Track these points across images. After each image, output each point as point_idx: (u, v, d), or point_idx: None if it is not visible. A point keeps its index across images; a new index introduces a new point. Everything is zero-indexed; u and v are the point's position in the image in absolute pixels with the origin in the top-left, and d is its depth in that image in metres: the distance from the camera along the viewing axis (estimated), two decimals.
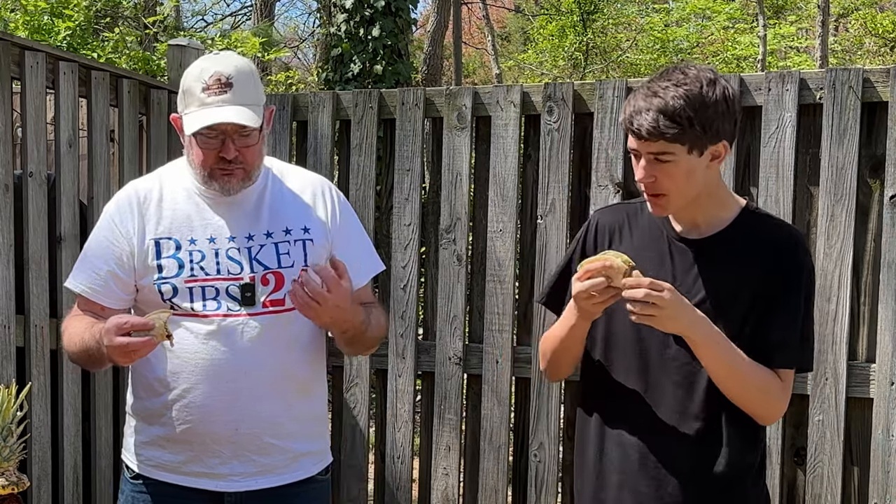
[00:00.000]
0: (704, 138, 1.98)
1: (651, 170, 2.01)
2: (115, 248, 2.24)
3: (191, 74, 2.20)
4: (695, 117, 1.95)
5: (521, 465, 3.54)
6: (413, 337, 3.59)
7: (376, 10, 8.99)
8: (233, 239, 2.23)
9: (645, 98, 1.98)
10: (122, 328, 2.01)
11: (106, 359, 2.11)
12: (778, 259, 2.06)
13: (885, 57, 15.43)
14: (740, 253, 2.07)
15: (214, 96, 2.14)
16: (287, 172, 2.37)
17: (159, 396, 2.24)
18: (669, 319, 1.96)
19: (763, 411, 2.09)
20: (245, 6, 18.11)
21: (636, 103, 1.99)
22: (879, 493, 3.05)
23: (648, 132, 1.96)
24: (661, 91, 1.97)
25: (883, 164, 3.05)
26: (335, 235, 2.32)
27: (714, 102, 1.96)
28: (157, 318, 2.02)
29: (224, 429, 2.21)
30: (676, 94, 1.95)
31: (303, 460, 2.31)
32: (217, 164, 2.18)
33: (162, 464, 2.27)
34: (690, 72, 1.99)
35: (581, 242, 2.24)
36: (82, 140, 3.67)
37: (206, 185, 2.23)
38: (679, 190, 2.02)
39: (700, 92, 1.96)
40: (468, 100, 3.50)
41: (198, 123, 2.14)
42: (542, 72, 16.60)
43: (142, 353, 2.04)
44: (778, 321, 2.04)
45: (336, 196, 2.37)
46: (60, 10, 6.89)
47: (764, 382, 2.05)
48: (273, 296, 2.22)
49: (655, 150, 1.98)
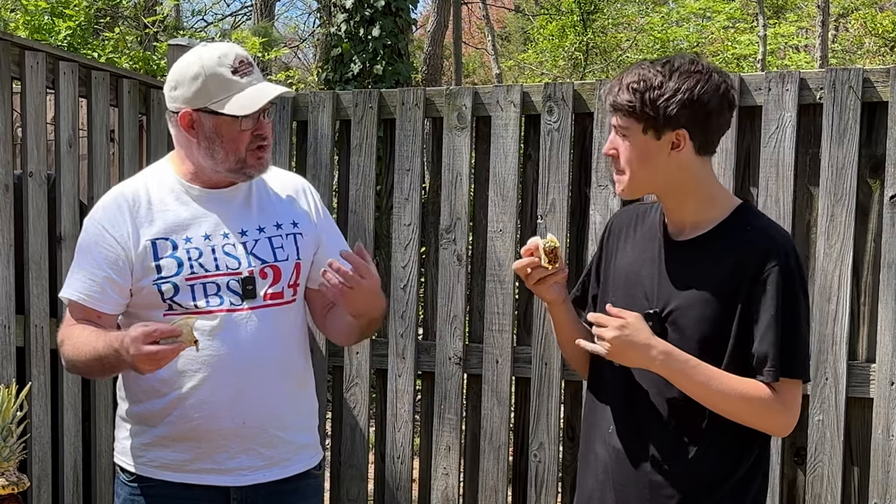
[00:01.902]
0: (658, 121, 1.97)
1: (613, 142, 2.05)
2: (109, 252, 2.22)
3: (209, 63, 2.17)
4: (647, 96, 1.96)
5: (521, 465, 3.54)
6: (413, 337, 3.59)
7: (376, 10, 8.98)
8: (227, 235, 2.24)
9: (628, 73, 2.03)
10: (151, 336, 2.00)
11: (124, 366, 2.10)
12: (754, 264, 1.98)
13: (885, 57, 15.43)
14: (719, 256, 2.01)
15: (247, 76, 2.19)
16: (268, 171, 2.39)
17: (163, 397, 2.24)
18: (618, 356, 2.00)
19: (761, 425, 2.02)
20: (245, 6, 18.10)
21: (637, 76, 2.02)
22: (879, 493, 3.05)
23: (611, 105, 2.02)
24: (636, 68, 2.01)
25: (883, 164, 3.05)
26: (321, 231, 2.36)
27: (678, 89, 1.95)
28: (185, 325, 2.02)
29: (232, 423, 2.22)
30: (645, 73, 1.98)
31: (303, 452, 2.34)
32: (251, 145, 2.20)
33: (166, 464, 2.26)
34: (678, 60, 2.00)
35: (599, 244, 2.27)
36: (82, 140, 3.67)
37: (236, 173, 2.23)
38: (635, 171, 2.02)
39: (670, 74, 1.97)
40: (468, 100, 3.50)
41: (256, 102, 2.16)
42: (542, 72, 16.60)
43: (169, 360, 2.04)
44: (759, 331, 1.97)
45: (315, 194, 2.42)
46: (60, 10, 6.89)
47: (751, 398, 1.97)
48: (272, 289, 2.24)
49: (616, 123, 2.03)
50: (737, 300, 1.98)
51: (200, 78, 2.17)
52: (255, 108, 2.16)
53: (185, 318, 2.05)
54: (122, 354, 2.05)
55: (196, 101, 2.18)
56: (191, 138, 2.22)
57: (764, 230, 2.04)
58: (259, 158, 2.22)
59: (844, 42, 16.99)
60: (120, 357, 2.06)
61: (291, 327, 2.30)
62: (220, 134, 2.19)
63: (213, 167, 2.23)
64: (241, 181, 2.26)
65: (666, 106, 1.96)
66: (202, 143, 2.21)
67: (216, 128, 2.19)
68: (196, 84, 2.18)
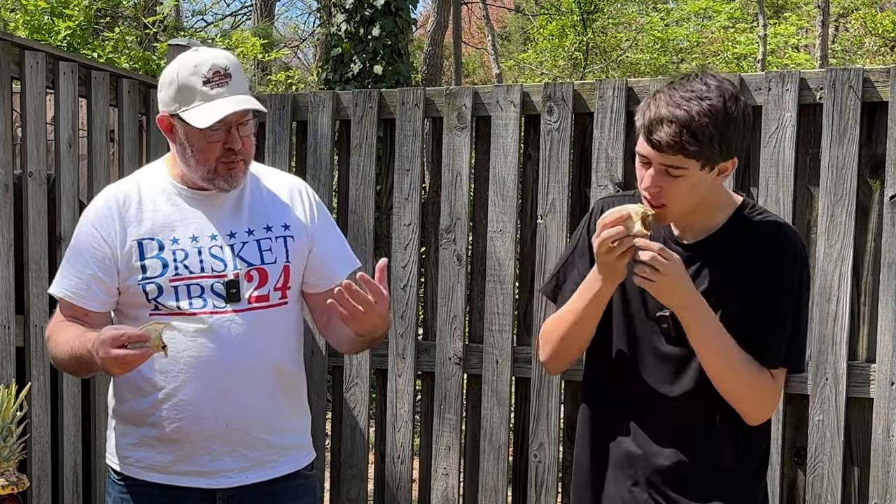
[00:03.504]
0: (720, 156, 1.95)
1: (658, 180, 1.97)
2: (96, 251, 2.23)
3: (184, 70, 2.17)
4: (716, 135, 1.91)
5: (521, 465, 3.53)
6: (413, 337, 3.59)
7: (376, 9, 8.98)
8: (215, 237, 2.24)
9: (668, 107, 1.92)
10: (118, 340, 2.00)
11: (97, 368, 2.10)
12: (768, 260, 2.03)
13: (885, 57, 15.43)
14: (730, 255, 2.04)
15: (218, 88, 2.14)
16: (263, 172, 2.39)
17: (147, 397, 2.24)
18: (666, 288, 1.95)
19: (752, 408, 2.06)
20: (245, 6, 18.12)
21: (657, 111, 1.94)
22: (879, 493, 3.05)
23: (668, 145, 1.92)
24: (685, 104, 1.91)
25: (883, 164, 3.04)
26: (315, 233, 2.34)
27: (735, 119, 1.93)
28: (153, 330, 2.02)
29: (214, 425, 2.22)
30: (701, 110, 1.90)
31: (289, 454, 2.33)
32: (222, 158, 2.17)
33: (151, 465, 2.27)
34: (712, 83, 1.94)
35: (586, 228, 2.20)
36: (82, 140, 3.67)
37: (208, 182, 2.21)
38: (681, 202, 1.99)
39: (724, 108, 1.92)
40: (468, 100, 3.49)
41: (212, 117, 2.12)
42: (542, 72, 16.59)
43: (137, 364, 2.04)
44: (768, 322, 2.02)
45: (312, 195, 2.39)
46: (60, 9, 6.90)
47: (756, 378, 2.02)
48: (258, 292, 2.23)
49: (669, 163, 1.94)
50: (748, 296, 2.02)
51: (174, 84, 2.18)
52: (209, 122, 2.12)
53: (154, 324, 2.05)
54: (94, 356, 2.06)
55: (170, 106, 2.19)
56: (172, 142, 2.24)
57: (769, 225, 2.09)
58: (230, 170, 2.19)
59: (844, 42, 16.99)
60: (93, 358, 2.07)
61: (279, 330, 2.28)
62: (191, 143, 2.19)
63: (189, 173, 2.23)
64: (217, 191, 2.24)
65: (732, 140, 1.94)
66: (178, 147, 2.23)
67: (186, 136, 2.18)
68: (171, 90, 2.19)
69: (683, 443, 2.08)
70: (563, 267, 2.24)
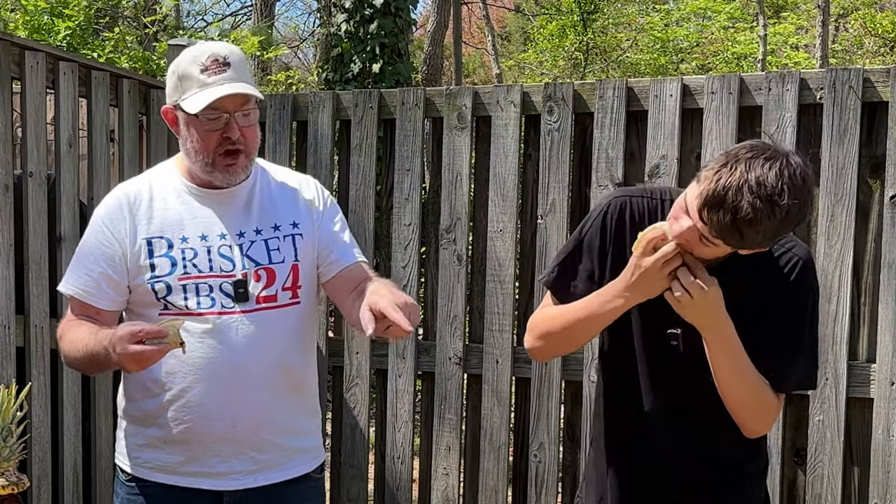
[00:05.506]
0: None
1: (692, 244, 1.89)
2: (106, 249, 2.23)
3: (184, 60, 2.17)
4: (801, 221, 1.87)
5: (521, 465, 3.54)
6: (413, 337, 3.59)
7: (376, 9, 8.98)
8: (224, 236, 2.23)
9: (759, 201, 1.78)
10: (137, 336, 1.99)
11: (113, 364, 2.09)
12: (774, 277, 2.01)
13: (885, 57, 15.43)
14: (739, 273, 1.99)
15: (215, 75, 2.14)
16: (273, 169, 2.38)
17: (155, 398, 2.23)
18: (694, 313, 1.92)
19: (754, 424, 2.06)
20: (245, 6, 18.11)
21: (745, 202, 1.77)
22: (880, 493, 3.05)
23: (760, 244, 1.85)
24: (777, 198, 1.78)
25: (883, 164, 3.05)
26: (322, 220, 2.32)
27: (792, 220, 1.83)
28: (171, 326, 2.01)
29: (222, 427, 2.21)
30: (796, 203, 1.79)
31: (298, 457, 2.32)
32: (220, 149, 2.17)
33: (159, 465, 2.26)
34: (794, 161, 1.85)
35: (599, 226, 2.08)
36: (82, 140, 3.67)
37: (207, 174, 2.20)
38: (705, 259, 1.94)
39: (804, 187, 1.83)
40: (468, 100, 3.49)
41: (203, 101, 2.12)
42: (542, 72, 16.59)
43: (154, 360, 2.03)
44: (781, 343, 2.01)
45: (322, 189, 2.38)
46: (60, 9, 6.89)
47: (763, 398, 2.01)
48: (265, 292, 2.22)
49: (711, 241, 1.86)
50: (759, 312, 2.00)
51: (176, 74, 2.19)
52: (200, 106, 2.11)
53: (172, 320, 2.04)
54: (110, 353, 2.05)
55: (172, 96, 2.20)
56: (176, 134, 2.24)
57: (785, 246, 2.04)
58: (228, 165, 2.18)
59: (844, 42, 16.98)
60: (109, 355, 2.06)
61: (288, 330, 2.27)
62: (190, 132, 2.19)
63: (191, 164, 2.23)
64: (219, 184, 2.23)
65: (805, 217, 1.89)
66: (181, 139, 2.23)
67: (186, 125, 2.19)
68: (172, 80, 2.20)
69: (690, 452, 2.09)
70: (568, 257, 2.13)
